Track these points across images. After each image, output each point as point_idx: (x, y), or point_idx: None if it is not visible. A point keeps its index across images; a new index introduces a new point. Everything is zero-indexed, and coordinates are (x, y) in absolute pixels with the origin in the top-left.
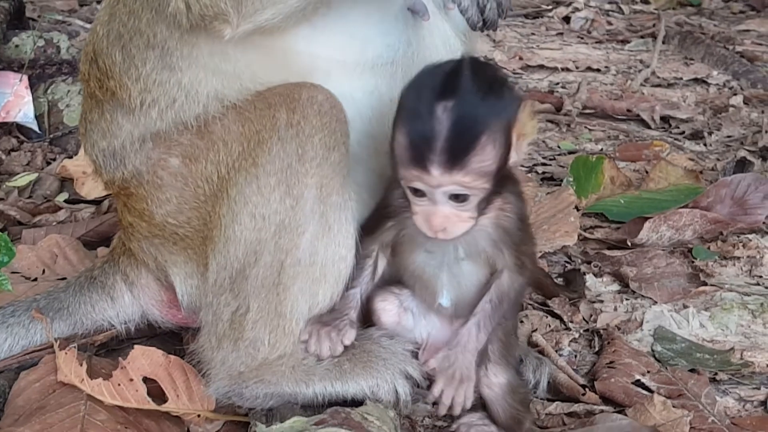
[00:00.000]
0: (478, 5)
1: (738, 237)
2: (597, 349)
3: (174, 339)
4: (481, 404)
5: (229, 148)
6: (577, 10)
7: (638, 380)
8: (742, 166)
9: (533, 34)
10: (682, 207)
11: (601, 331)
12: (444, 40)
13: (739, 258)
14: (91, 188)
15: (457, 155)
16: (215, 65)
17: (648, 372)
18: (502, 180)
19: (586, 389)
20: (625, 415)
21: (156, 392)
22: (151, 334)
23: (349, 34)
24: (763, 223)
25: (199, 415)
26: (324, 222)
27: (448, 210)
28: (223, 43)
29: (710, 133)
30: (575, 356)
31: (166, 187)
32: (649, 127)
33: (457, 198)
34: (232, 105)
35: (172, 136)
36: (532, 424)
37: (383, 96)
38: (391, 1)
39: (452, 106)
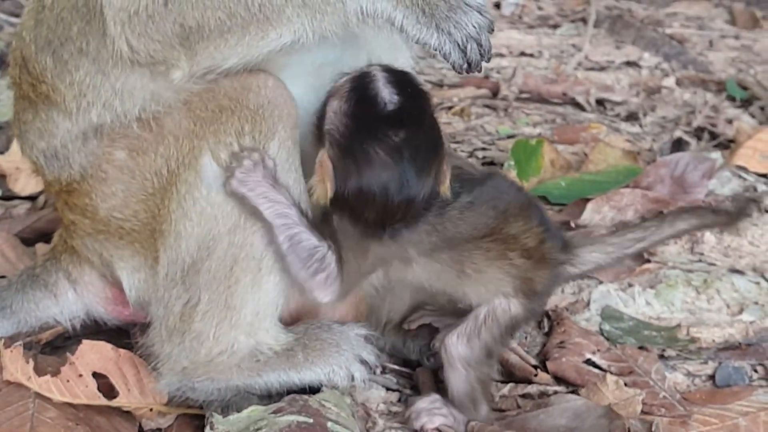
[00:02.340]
0: (460, 48)
1: None
2: (546, 330)
3: (121, 335)
4: (436, 386)
5: (180, 143)
6: None
7: (589, 359)
8: (678, 146)
9: None
10: (623, 187)
11: (550, 313)
12: (389, 39)
13: (680, 236)
14: (26, 184)
15: None
16: (152, 74)
17: (598, 350)
18: None
19: (539, 370)
20: (578, 394)
21: (106, 388)
22: (97, 330)
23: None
24: (703, 201)
25: (151, 409)
26: None
27: None
28: None
29: (645, 115)
30: (525, 338)
31: (111, 181)
32: (584, 110)
33: None
34: (182, 101)
35: (116, 129)
36: (490, 410)
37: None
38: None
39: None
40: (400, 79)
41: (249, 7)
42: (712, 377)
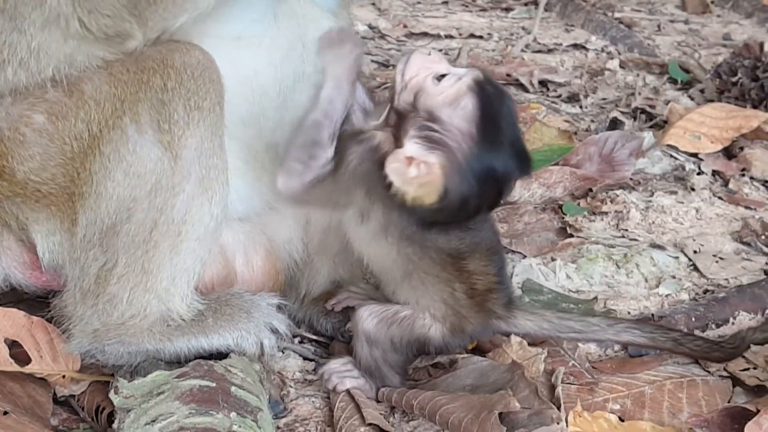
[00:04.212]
0: None
1: (606, 193)
2: None
3: (42, 304)
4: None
5: (102, 107)
6: None
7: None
8: (614, 125)
9: (419, 2)
10: (553, 165)
11: None
12: (312, 14)
13: (607, 213)
14: None
15: None
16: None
17: None
18: None
19: None
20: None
21: (22, 356)
22: (16, 299)
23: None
24: (631, 179)
25: (64, 376)
26: (200, 183)
27: None
28: None
29: (586, 96)
30: None
31: (29, 144)
32: (527, 91)
33: None
34: (102, 65)
35: (35, 92)
36: (402, 380)
37: (247, 69)
38: None
39: None
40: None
41: None
42: (624, 348)
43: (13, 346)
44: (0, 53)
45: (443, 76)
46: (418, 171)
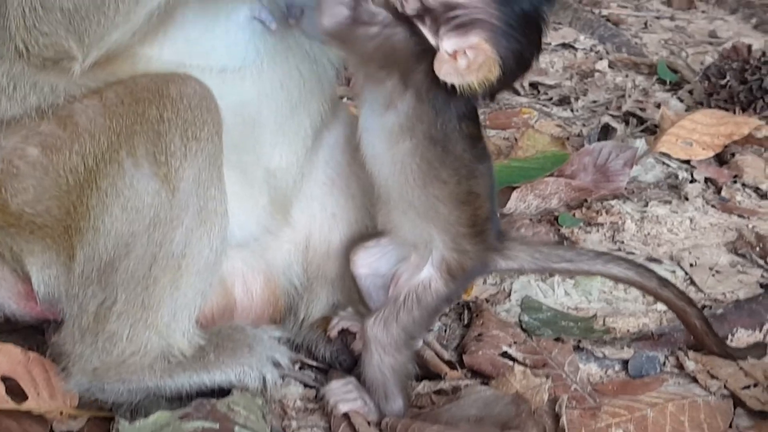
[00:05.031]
0: None
1: (601, 203)
2: (466, 322)
3: (36, 333)
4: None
5: (97, 140)
6: None
7: (505, 351)
8: (606, 131)
9: None
10: (548, 176)
11: (471, 304)
12: (299, 46)
13: (602, 224)
14: None
15: None
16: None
17: (515, 343)
18: None
19: (450, 367)
20: (489, 386)
21: (16, 390)
22: (9, 329)
23: (193, 41)
24: (625, 189)
25: (61, 413)
26: (198, 215)
27: None
28: None
29: (577, 99)
30: (445, 330)
31: (23, 177)
32: (518, 94)
33: None
34: (96, 95)
35: (27, 124)
36: (406, 405)
37: (231, 101)
38: (235, 11)
39: None
40: None
41: None
42: (625, 367)
43: (8, 380)
44: None
45: None
46: (468, 59)
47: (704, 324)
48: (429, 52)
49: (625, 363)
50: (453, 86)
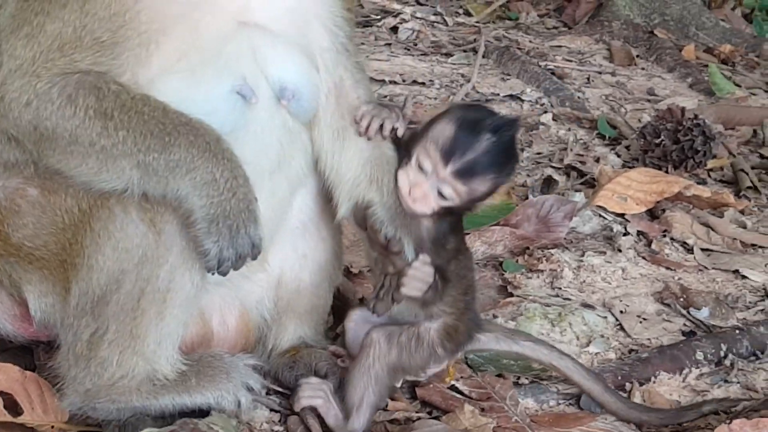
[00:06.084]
0: (218, 261)
1: (542, 252)
2: None
3: (26, 353)
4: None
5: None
6: (404, 21)
7: (453, 385)
8: (548, 183)
9: (362, 43)
10: (495, 224)
11: None
12: (282, 121)
13: (542, 271)
14: None
15: (472, 173)
16: None
17: (462, 377)
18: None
19: (408, 397)
20: (440, 420)
21: (12, 405)
22: (2, 348)
23: (177, 107)
24: (564, 239)
25: (52, 427)
26: (181, 253)
27: (431, 192)
28: None
29: (522, 150)
30: None
31: (23, 214)
32: None
33: (441, 196)
34: None
35: (29, 168)
36: (366, 427)
37: None
38: (218, 84)
39: (493, 143)
40: None
41: (93, 141)
42: (558, 402)
43: (5, 395)
44: None
45: None
46: None
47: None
48: None
49: (557, 398)
50: None
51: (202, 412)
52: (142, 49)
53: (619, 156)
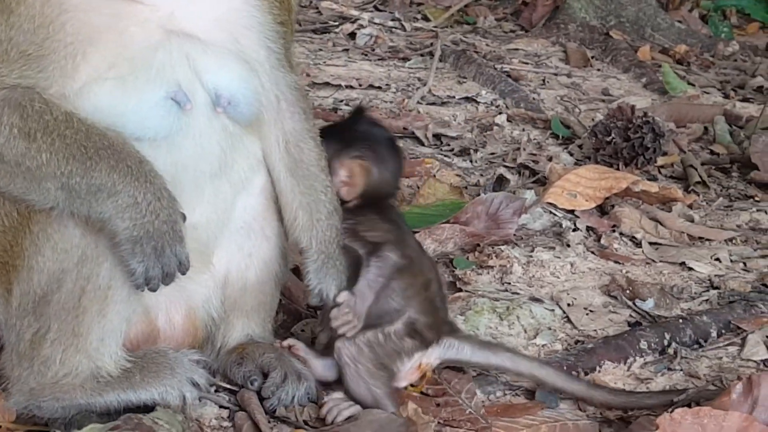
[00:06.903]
0: (145, 279)
1: (492, 248)
2: None
3: None
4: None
5: None
6: (362, 27)
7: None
8: (500, 182)
9: (320, 49)
10: (445, 222)
11: None
12: (221, 125)
13: (492, 267)
14: None
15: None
16: None
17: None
18: None
19: None
20: None
21: None
22: None
23: (102, 110)
24: (514, 235)
25: (0, 427)
26: None
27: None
28: None
29: (476, 150)
30: None
31: None
32: (423, 145)
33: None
34: None
35: None
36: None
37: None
38: (151, 90)
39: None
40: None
41: (18, 162)
42: (505, 393)
43: None
44: None
45: None
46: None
47: None
48: None
49: (504, 389)
50: None
51: (148, 408)
52: (68, 60)
53: (572, 155)
